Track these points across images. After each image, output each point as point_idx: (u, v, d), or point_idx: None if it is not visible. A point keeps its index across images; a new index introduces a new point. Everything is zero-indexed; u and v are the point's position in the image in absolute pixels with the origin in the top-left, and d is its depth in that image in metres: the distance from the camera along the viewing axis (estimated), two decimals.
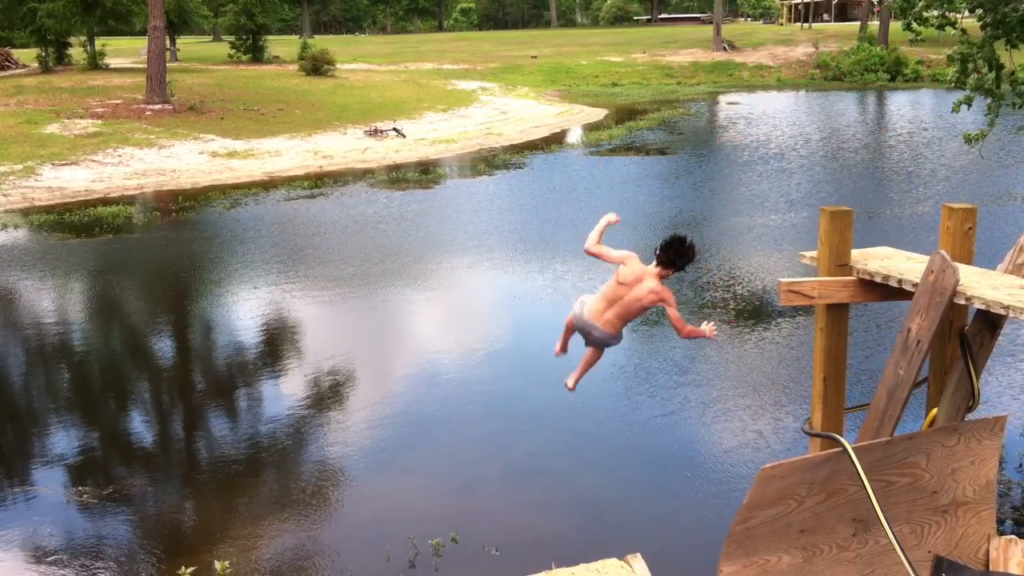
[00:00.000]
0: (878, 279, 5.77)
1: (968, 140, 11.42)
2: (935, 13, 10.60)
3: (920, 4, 10.57)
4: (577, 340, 5.86)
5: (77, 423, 9.25)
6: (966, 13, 11.31)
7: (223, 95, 36.47)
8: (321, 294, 13.50)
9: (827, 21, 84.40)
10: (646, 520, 6.99)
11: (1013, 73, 10.88)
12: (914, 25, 10.85)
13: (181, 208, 20.56)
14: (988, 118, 11.00)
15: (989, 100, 10.78)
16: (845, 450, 4.71)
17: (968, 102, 10.94)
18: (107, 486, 7.70)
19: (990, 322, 5.55)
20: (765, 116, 38.27)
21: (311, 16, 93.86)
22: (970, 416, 5.64)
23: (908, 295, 5.50)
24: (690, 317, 12.15)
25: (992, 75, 10.62)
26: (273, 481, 7.86)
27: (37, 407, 9.82)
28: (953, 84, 11.07)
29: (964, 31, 10.81)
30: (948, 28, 10.73)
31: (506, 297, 13.43)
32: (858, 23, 66.52)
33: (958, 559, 5.19)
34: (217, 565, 6.30)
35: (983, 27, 10.56)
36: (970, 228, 5.92)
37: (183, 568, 6.20)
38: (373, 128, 31.99)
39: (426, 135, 32.09)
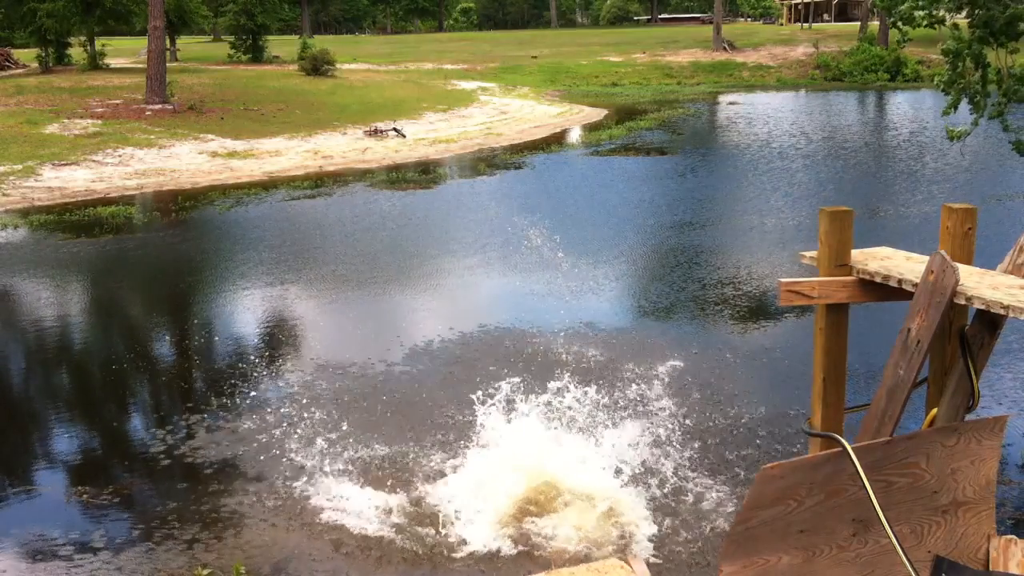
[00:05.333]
0: (878, 279, 5.77)
1: (952, 137, 11.51)
2: (921, 13, 10.55)
3: (904, 6, 10.53)
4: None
5: (78, 423, 9.24)
6: (963, 13, 11.29)
7: (223, 95, 36.47)
8: (322, 294, 13.50)
9: (827, 21, 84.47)
10: (647, 519, 6.99)
11: (999, 72, 10.88)
12: (900, 25, 10.81)
13: (181, 208, 20.56)
14: (974, 117, 11.05)
15: (976, 98, 10.80)
16: (845, 450, 4.71)
17: (955, 105, 10.95)
18: (108, 485, 7.70)
19: (990, 322, 5.55)
20: (765, 116, 38.27)
21: (311, 16, 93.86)
22: (970, 416, 5.64)
23: (908, 295, 5.50)
24: (691, 316, 12.18)
25: (979, 75, 10.64)
26: (273, 480, 7.85)
27: (38, 407, 9.82)
28: (941, 87, 11.05)
29: (956, 26, 10.77)
30: (938, 26, 10.69)
31: (509, 297, 13.42)
32: (858, 23, 66.56)
33: (958, 559, 5.19)
34: (233, 566, 6.30)
35: (971, 27, 10.54)
36: (970, 228, 5.92)
37: (193, 569, 6.20)
38: (373, 128, 31.98)
39: (426, 135, 32.09)
